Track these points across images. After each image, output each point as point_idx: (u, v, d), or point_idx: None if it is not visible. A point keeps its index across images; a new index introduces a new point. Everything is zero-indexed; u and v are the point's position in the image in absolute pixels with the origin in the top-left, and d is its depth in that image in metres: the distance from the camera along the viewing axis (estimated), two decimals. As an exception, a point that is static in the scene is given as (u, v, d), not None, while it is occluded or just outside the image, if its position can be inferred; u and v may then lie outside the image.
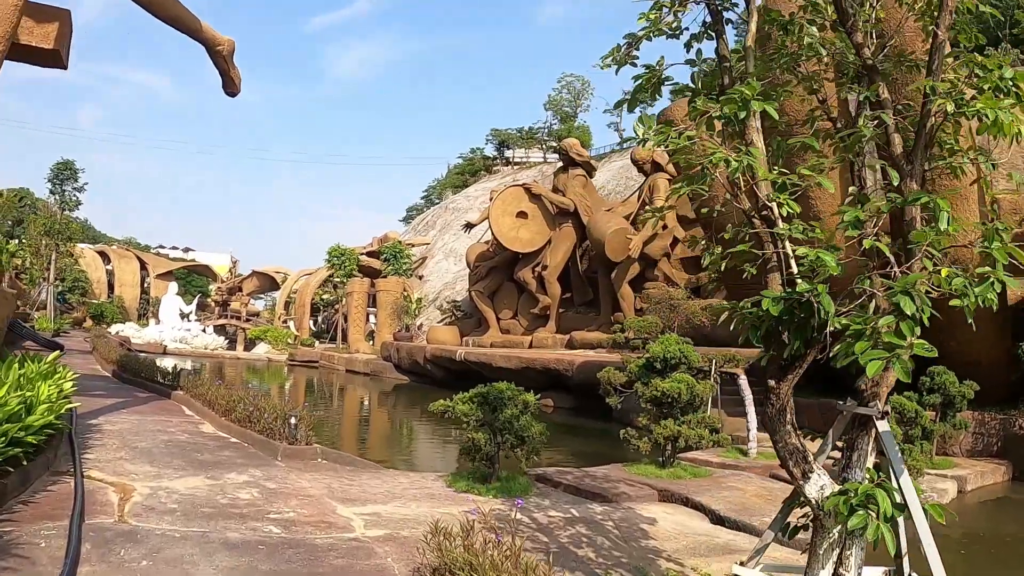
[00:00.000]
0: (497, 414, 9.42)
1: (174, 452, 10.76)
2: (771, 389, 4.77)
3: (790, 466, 4.78)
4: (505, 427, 9.35)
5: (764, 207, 4.81)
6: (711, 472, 11.88)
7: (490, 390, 9.73)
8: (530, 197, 36.11)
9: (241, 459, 10.73)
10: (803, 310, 4.16)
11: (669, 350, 11.43)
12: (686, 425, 11.11)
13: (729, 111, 4.47)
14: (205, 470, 9.58)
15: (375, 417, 26.84)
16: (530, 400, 9.83)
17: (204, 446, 11.69)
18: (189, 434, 12.83)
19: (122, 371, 22.31)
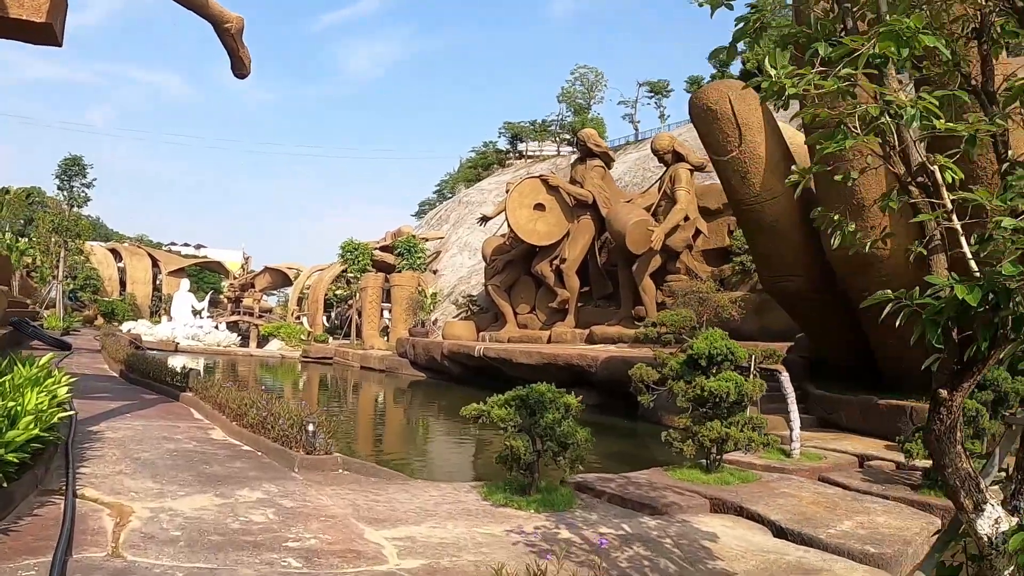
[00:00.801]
0: (537, 418, 8.59)
1: (180, 464, 9.94)
2: (941, 401, 3.86)
3: (960, 497, 3.83)
4: (546, 433, 8.52)
5: (919, 172, 3.90)
6: (758, 476, 11.02)
7: (530, 392, 8.86)
8: (547, 189, 35.19)
9: (254, 471, 9.89)
10: (999, 299, 3.21)
11: (715, 346, 10.56)
12: (734, 427, 10.25)
13: (883, 48, 3.52)
14: (214, 485, 8.73)
15: (392, 415, 26.06)
16: (572, 403, 8.95)
17: (213, 456, 10.86)
18: (197, 442, 12.00)
19: (129, 371, 21.60)
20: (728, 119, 14.48)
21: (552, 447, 8.62)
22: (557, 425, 8.53)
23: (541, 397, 8.67)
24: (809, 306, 16.55)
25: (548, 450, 8.64)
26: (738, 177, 14.82)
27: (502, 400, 8.83)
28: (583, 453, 8.83)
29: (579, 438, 8.64)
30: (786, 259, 15.73)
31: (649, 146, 54.11)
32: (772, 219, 15.15)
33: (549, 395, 8.73)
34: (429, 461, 17.08)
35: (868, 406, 16.31)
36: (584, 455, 8.88)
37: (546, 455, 8.71)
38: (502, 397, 8.90)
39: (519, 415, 8.63)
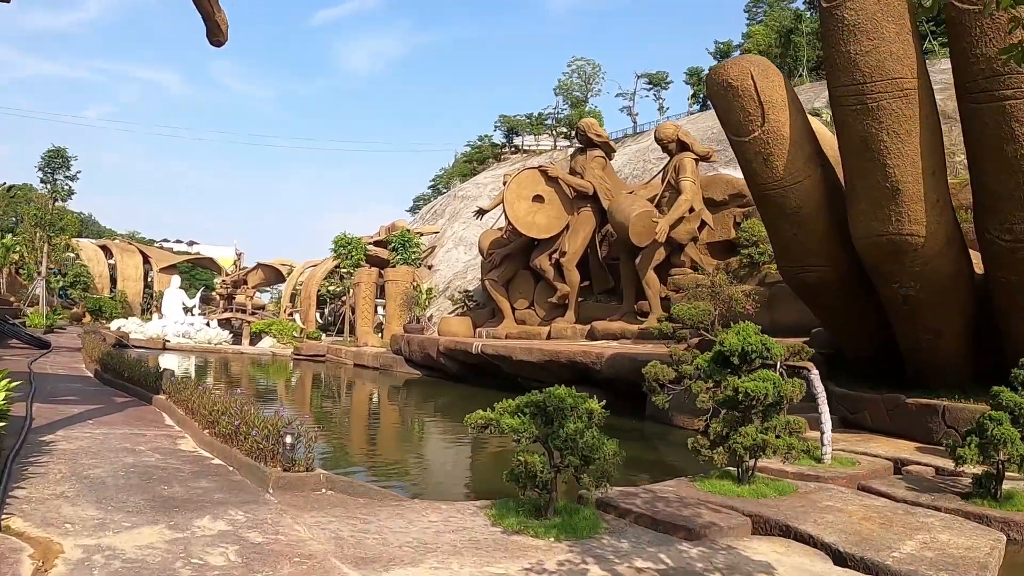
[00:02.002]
0: (556, 428, 7.35)
1: (134, 484, 8.64)
2: None
3: None
4: (567, 445, 7.23)
5: None
6: (795, 487, 9.85)
7: (548, 398, 7.54)
8: (546, 180, 33.94)
9: (221, 493, 8.57)
10: None
11: (748, 342, 9.34)
12: (772, 432, 9.06)
13: None
14: (169, 513, 7.41)
15: (386, 415, 24.85)
16: (596, 409, 7.70)
17: (176, 473, 9.57)
18: (161, 454, 10.75)
19: (104, 371, 20.41)
20: (750, 96, 13.26)
21: (574, 461, 7.32)
22: (579, 435, 7.24)
23: (561, 403, 7.36)
24: (832, 298, 15.37)
25: (569, 465, 7.36)
26: (760, 159, 13.60)
27: (513, 406, 7.51)
28: (611, 468, 7.51)
29: (607, 451, 7.33)
30: (809, 248, 14.54)
31: (650, 137, 53.20)
32: (796, 205, 13.94)
33: (570, 400, 7.43)
34: (426, 466, 15.89)
35: (895, 405, 15.21)
36: (612, 471, 7.56)
37: (566, 471, 7.44)
38: (513, 403, 7.58)
39: (535, 424, 7.35)
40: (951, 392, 15.02)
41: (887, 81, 12.40)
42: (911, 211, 12.89)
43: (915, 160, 12.67)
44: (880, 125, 12.53)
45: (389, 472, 14.73)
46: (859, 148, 12.87)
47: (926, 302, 14.09)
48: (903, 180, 12.71)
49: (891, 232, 13.03)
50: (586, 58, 74.86)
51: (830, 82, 13.11)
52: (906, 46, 12.42)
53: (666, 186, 29.70)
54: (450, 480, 14.56)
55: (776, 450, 8.97)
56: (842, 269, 14.85)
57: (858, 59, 12.42)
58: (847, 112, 12.82)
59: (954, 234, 13.95)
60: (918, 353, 15.44)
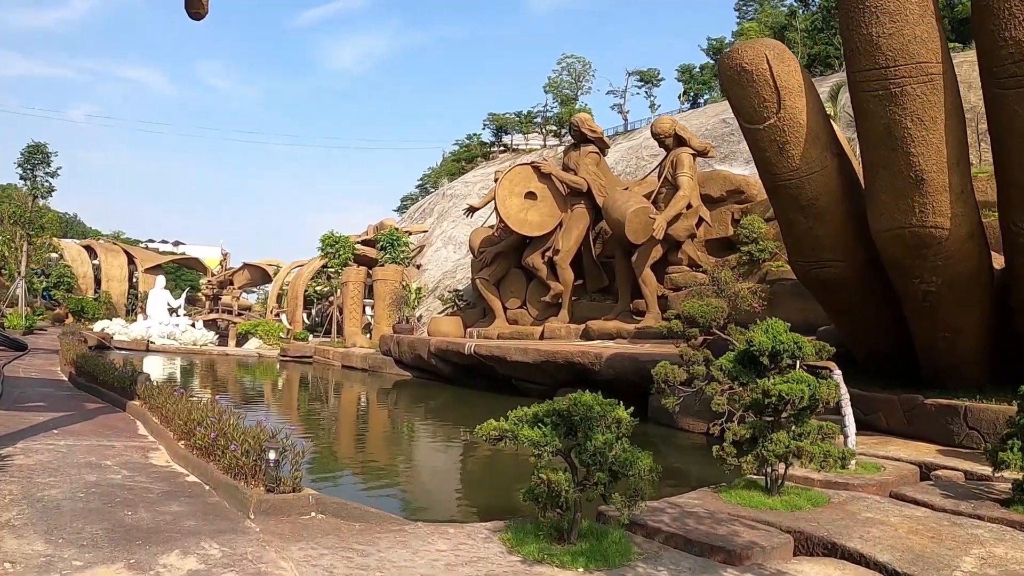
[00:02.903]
0: (582, 440, 6.47)
1: (94, 509, 7.59)
2: None
3: None
4: (595, 460, 6.33)
5: None
6: (827, 496, 9.04)
7: (573, 405, 6.57)
8: (539, 176, 33.09)
9: (194, 519, 7.52)
10: None
11: (780, 340, 8.51)
12: (807, 439, 8.24)
13: None
14: (131, 547, 6.37)
15: (377, 419, 23.97)
16: (624, 418, 6.76)
17: (144, 494, 8.48)
18: (130, 470, 9.75)
19: (79, 375, 19.43)
20: (766, 81, 12.43)
21: (602, 478, 6.41)
22: (608, 448, 6.34)
23: (589, 411, 6.41)
24: (847, 295, 14.59)
25: (598, 483, 6.43)
26: (775, 148, 12.78)
27: (531, 415, 6.55)
28: (645, 486, 6.54)
29: (641, 467, 6.40)
30: (825, 242, 13.75)
31: (642, 134, 52.54)
32: (812, 196, 13.15)
33: (598, 408, 6.49)
34: (420, 473, 15.00)
35: (912, 405, 14.48)
36: (646, 488, 6.60)
37: (593, 490, 6.50)
38: (530, 411, 6.64)
39: (558, 436, 6.44)
40: (969, 392, 14.32)
41: (911, 65, 11.63)
42: (936, 202, 12.14)
43: (940, 149, 11.93)
44: (904, 111, 11.76)
45: (381, 480, 13.88)
46: (881, 136, 12.10)
47: (946, 298, 13.37)
48: (928, 170, 11.95)
49: (914, 225, 12.28)
50: (576, 55, 73.84)
51: (850, 67, 12.31)
52: (930, 28, 11.67)
53: (663, 182, 28.93)
54: (447, 488, 13.71)
55: (812, 458, 8.15)
56: (859, 265, 14.10)
57: (880, 42, 11.65)
58: (869, 98, 12.04)
59: (977, 227, 13.23)
60: (935, 352, 14.71)
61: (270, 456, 8.29)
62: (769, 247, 25.26)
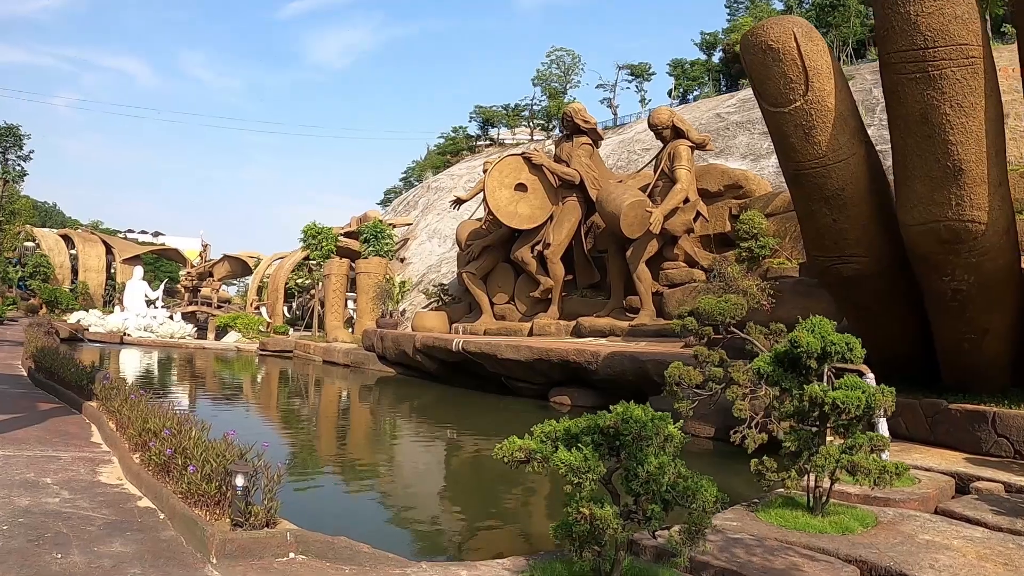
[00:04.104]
0: (632, 464, 5.39)
1: (14, 549, 6.21)
2: None
3: None
4: (648, 488, 5.25)
5: None
6: (874, 516, 8.14)
7: (622, 421, 5.45)
8: (530, 168, 32.06)
9: (139, 565, 6.07)
10: None
11: (831, 341, 7.59)
12: (859, 451, 7.33)
13: None
14: None
15: (361, 418, 22.93)
16: (675, 435, 5.66)
17: (83, 526, 7.05)
18: (72, 491, 8.32)
19: (38, 370, 18.17)
20: (793, 61, 11.51)
21: (656, 511, 5.29)
22: (662, 473, 5.23)
23: (642, 428, 5.31)
24: (868, 293, 13.72)
25: (652, 517, 5.29)
26: (800, 133, 11.87)
27: (561, 431, 5.45)
28: (707, 521, 5.39)
29: (706, 498, 5.27)
30: (849, 236, 12.86)
31: (633, 129, 51.63)
32: (837, 186, 12.25)
33: (651, 424, 5.41)
34: (410, 477, 13.98)
35: (936, 411, 13.67)
36: (709, 523, 5.44)
37: (646, 525, 5.35)
38: (560, 426, 5.52)
39: (599, 456, 5.33)
40: (995, 397, 13.56)
41: (952, 47, 10.77)
42: (973, 194, 11.29)
43: (979, 137, 11.08)
44: (943, 96, 10.90)
45: (367, 486, 12.90)
46: (917, 122, 11.22)
47: (976, 297, 12.55)
48: (966, 159, 11.09)
49: (950, 218, 11.42)
50: (566, 48, 72.86)
51: (883, 47, 11.43)
52: (970, 8, 10.84)
53: (659, 175, 28.00)
54: (439, 494, 12.72)
55: (868, 474, 7.24)
56: (883, 261, 13.23)
57: (919, 21, 10.77)
58: (904, 81, 11.16)
59: (1011, 222, 12.42)
60: (959, 354, 13.90)
61: (238, 482, 6.75)
62: (770, 243, 24.42)
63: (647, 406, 5.52)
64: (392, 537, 9.34)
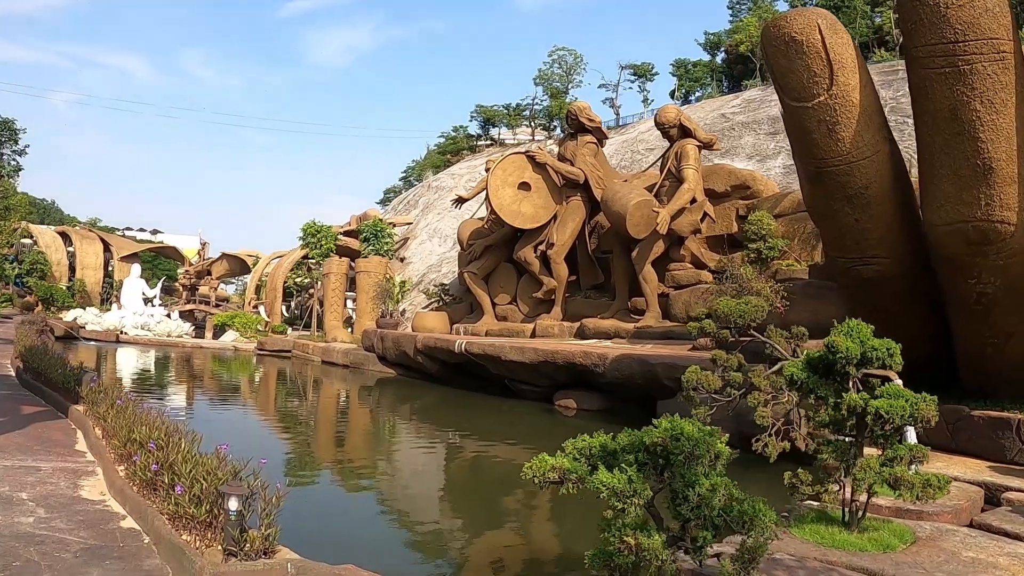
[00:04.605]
0: (680, 486, 4.87)
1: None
2: None
3: None
4: (699, 513, 4.76)
5: None
6: (911, 530, 7.69)
7: (672, 439, 4.94)
8: (534, 166, 31.56)
9: None
10: None
11: (871, 346, 7.15)
12: (900, 463, 6.89)
13: None
14: None
15: (361, 420, 22.50)
16: (724, 452, 5.21)
17: (59, 553, 6.35)
18: (49, 509, 7.61)
19: (26, 370, 17.52)
20: (817, 53, 11.07)
21: (707, 539, 4.81)
22: (712, 495, 4.72)
23: (694, 445, 4.82)
24: (889, 295, 13.26)
25: (703, 545, 4.80)
26: (824, 129, 11.42)
27: (596, 447, 4.94)
28: (765, 549, 4.86)
29: (766, 522, 4.79)
30: (872, 236, 12.42)
31: (636, 129, 51.22)
32: (861, 185, 11.81)
33: (703, 442, 4.93)
34: (413, 481, 13.51)
35: (957, 418, 13.20)
36: (766, 550, 4.90)
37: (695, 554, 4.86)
38: (595, 442, 4.99)
39: (644, 477, 4.81)
40: (1018, 404, 13.13)
41: (983, 41, 10.37)
42: (1004, 194, 10.89)
43: (1010, 135, 10.70)
44: (973, 92, 10.49)
45: (368, 497, 12.45)
46: (946, 118, 10.81)
47: (1002, 301, 12.16)
48: (997, 158, 10.69)
49: (979, 218, 11.01)
50: (568, 48, 72.34)
51: (910, 41, 11.01)
52: (1001, 2, 10.47)
53: (666, 174, 27.53)
54: (445, 504, 12.26)
55: (912, 488, 6.80)
56: (905, 262, 12.81)
57: (949, 13, 10.37)
58: (932, 76, 10.75)
59: (1040, 224, 11.99)
60: (981, 359, 13.50)
61: (231, 506, 6.00)
62: (778, 245, 23.96)
63: (693, 420, 5.04)
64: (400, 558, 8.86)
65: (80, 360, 23.39)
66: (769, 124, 36.95)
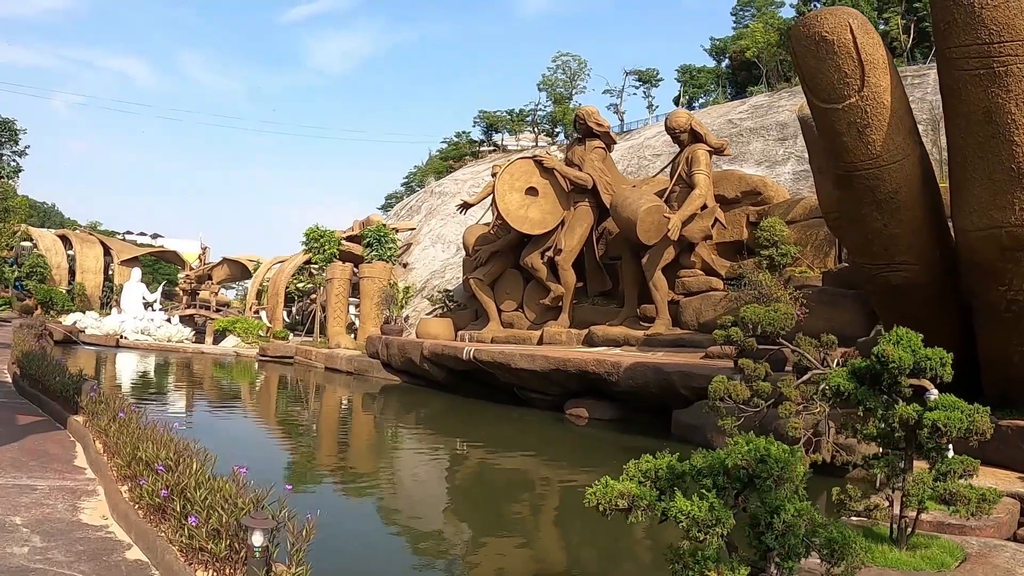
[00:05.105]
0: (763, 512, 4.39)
1: None
2: None
3: None
4: (784, 542, 4.27)
5: None
6: (960, 546, 7.37)
7: (759, 461, 4.46)
8: (541, 171, 31.25)
9: None
10: None
11: (924, 355, 6.81)
12: (952, 478, 6.57)
13: None
14: None
15: (368, 430, 22.14)
16: (799, 470, 4.66)
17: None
18: (45, 536, 6.84)
19: (23, 376, 16.85)
20: (848, 54, 10.77)
21: (794, 569, 4.36)
22: (799, 521, 4.26)
23: (783, 468, 4.35)
24: (916, 302, 12.94)
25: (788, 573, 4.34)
26: (854, 132, 11.12)
27: (662, 468, 4.50)
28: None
29: (858, 550, 4.40)
30: (901, 242, 12.11)
31: (640, 135, 50.85)
32: (891, 189, 11.50)
33: (790, 464, 4.46)
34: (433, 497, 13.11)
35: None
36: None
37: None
38: (662, 463, 4.52)
39: (723, 503, 4.36)
40: (1044, 414, 12.82)
41: (1018, 42, 10.09)
42: (1042, 200, 10.58)
43: (1047, 138, 10.39)
44: (1008, 94, 10.20)
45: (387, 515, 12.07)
46: (979, 121, 10.51)
47: (1033, 309, 11.83)
48: (1032, 160, 10.39)
49: (1013, 224, 10.72)
50: (572, 53, 71.95)
51: (943, 42, 10.71)
52: (1036, 1, 10.16)
53: (676, 179, 27.22)
54: (467, 521, 11.84)
55: (967, 503, 6.47)
56: (934, 268, 12.49)
57: (983, 14, 10.07)
58: (966, 77, 10.45)
59: (1072, 231, 11.68)
60: (1007, 366, 13.16)
61: (255, 541, 5.19)
62: (791, 251, 23.62)
63: (770, 439, 4.65)
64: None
65: (79, 366, 22.84)
66: (778, 130, 36.66)
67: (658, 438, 17.71)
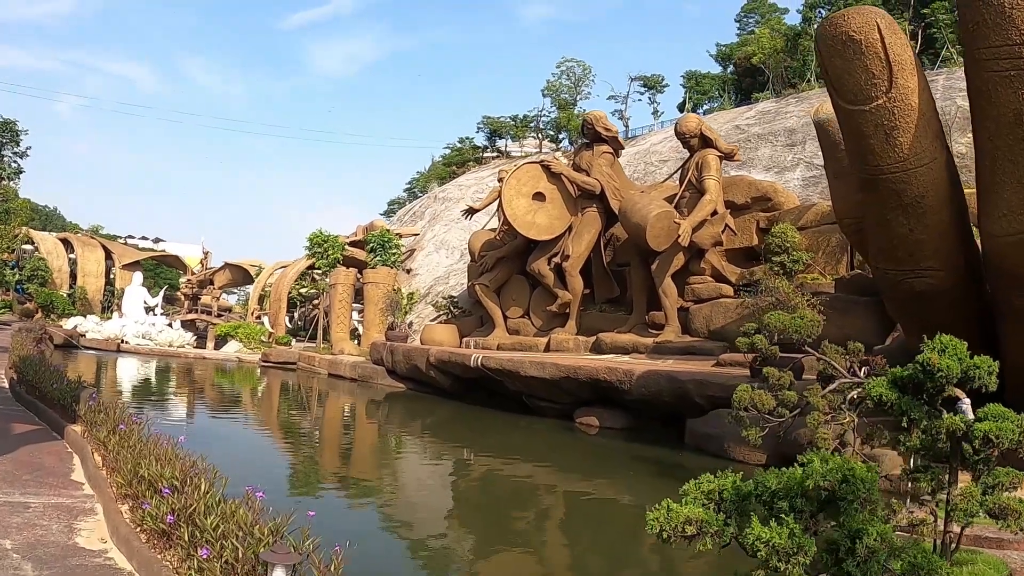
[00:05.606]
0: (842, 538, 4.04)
1: None
2: None
3: None
4: (867, 569, 3.91)
5: None
6: (1005, 563, 7.08)
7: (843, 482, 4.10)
8: (549, 176, 30.92)
9: None
10: None
11: (972, 364, 6.51)
12: (999, 491, 6.28)
13: None
14: None
15: (376, 437, 21.84)
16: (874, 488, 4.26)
17: None
18: (38, 564, 6.28)
19: (20, 382, 16.44)
20: (876, 54, 10.48)
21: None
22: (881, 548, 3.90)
23: (869, 491, 4.04)
24: (939, 309, 12.60)
25: None
26: (881, 134, 10.83)
27: (728, 489, 4.14)
28: None
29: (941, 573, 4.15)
30: (927, 247, 11.81)
31: (647, 141, 50.66)
32: (918, 193, 11.21)
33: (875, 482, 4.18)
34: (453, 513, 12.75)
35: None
36: None
37: None
38: (727, 483, 4.04)
39: (801, 529, 3.95)
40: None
41: (1050, 42, 9.81)
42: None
43: (1080, 140, 10.11)
44: (1040, 94, 9.92)
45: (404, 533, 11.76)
46: (1010, 123, 10.21)
47: (1063, 318, 11.56)
48: None
49: (1044, 229, 10.42)
50: (576, 59, 71.78)
51: (974, 42, 10.40)
52: (1069, 0, 9.88)
53: (686, 185, 26.94)
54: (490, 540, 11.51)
55: (1019, 518, 6.16)
56: (959, 274, 12.19)
57: (1015, 14, 9.78)
58: (996, 79, 10.14)
59: (1103, 236, 11.39)
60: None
61: (277, 574, 4.60)
62: (803, 258, 23.35)
63: (846, 456, 4.35)
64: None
65: (79, 371, 22.51)
66: (786, 136, 36.42)
67: (665, 447, 17.46)
